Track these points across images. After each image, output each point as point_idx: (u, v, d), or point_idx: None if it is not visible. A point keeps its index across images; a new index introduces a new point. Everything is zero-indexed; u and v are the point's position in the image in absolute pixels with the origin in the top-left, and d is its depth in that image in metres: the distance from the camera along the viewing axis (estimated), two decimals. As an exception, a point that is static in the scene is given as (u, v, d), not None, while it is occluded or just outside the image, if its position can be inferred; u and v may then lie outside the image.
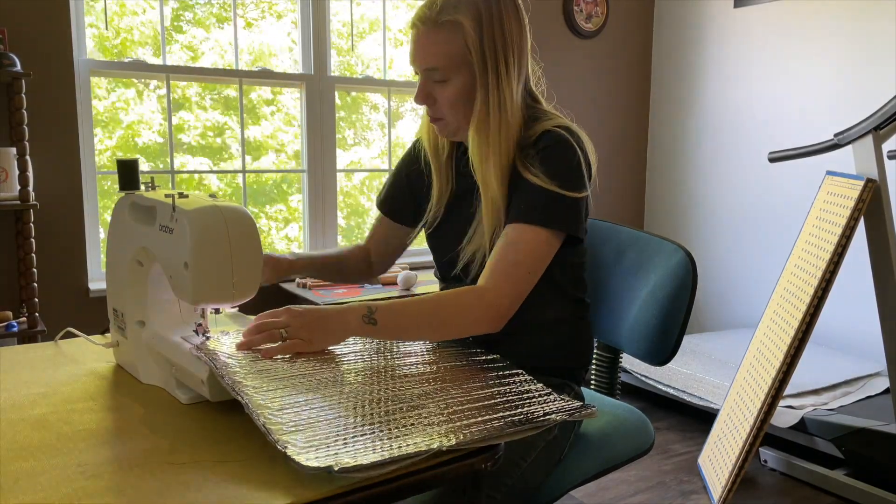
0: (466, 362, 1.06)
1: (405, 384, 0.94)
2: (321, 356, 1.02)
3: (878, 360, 2.86)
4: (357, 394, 0.89)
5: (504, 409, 0.86)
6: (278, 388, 0.88)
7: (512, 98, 1.17)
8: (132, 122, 2.88)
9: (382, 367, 1.01)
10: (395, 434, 0.78)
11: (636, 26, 3.77)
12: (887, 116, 1.95)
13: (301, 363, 0.98)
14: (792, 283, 2.12)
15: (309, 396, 0.87)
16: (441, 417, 0.83)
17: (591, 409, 0.89)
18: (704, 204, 3.67)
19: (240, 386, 0.87)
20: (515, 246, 1.13)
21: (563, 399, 0.92)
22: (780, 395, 1.96)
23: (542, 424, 0.84)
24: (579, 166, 1.16)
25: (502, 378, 0.99)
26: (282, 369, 0.95)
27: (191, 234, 0.92)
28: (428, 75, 1.18)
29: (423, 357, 1.08)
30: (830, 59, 3.09)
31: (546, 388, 0.96)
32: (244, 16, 2.97)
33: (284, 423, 0.79)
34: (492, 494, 1.07)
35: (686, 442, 2.63)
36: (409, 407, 0.86)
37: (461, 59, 1.14)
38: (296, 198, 3.31)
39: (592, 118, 3.68)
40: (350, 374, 0.97)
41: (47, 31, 2.38)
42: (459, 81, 1.16)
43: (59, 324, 2.15)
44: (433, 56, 1.15)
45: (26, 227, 2.28)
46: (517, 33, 1.18)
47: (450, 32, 1.13)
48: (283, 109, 3.19)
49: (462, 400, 0.89)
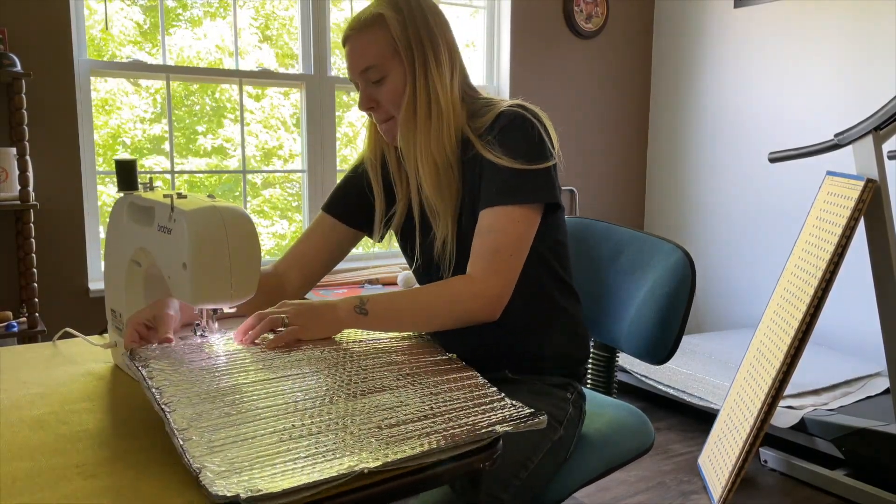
0: (417, 366, 1.00)
1: (346, 396, 0.87)
2: (263, 369, 0.94)
3: (878, 360, 2.86)
4: (290, 408, 0.83)
5: (446, 422, 0.81)
6: (205, 400, 0.83)
7: (445, 90, 1.18)
8: (118, 124, 2.88)
9: (327, 377, 0.93)
10: (321, 453, 0.73)
11: (636, 26, 3.77)
12: (887, 116, 1.94)
13: (236, 375, 0.92)
14: (792, 284, 2.11)
15: (235, 411, 0.81)
16: (375, 433, 0.78)
17: (541, 417, 0.84)
18: (704, 204, 3.67)
19: (166, 398, 0.83)
20: (492, 233, 1.13)
21: (515, 406, 0.86)
22: (781, 396, 1.96)
23: (483, 438, 0.79)
24: (540, 138, 1.16)
25: (454, 382, 0.94)
26: (211, 382, 0.89)
27: (189, 235, 0.92)
28: (366, 79, 1.19)
29: (374, 361, 1.00)
30: (830, 60, 3.09)
31: (498, 393, 0.90)
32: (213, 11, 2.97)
33: (203, 442, 0.74)
34: (498, 495, 1.06)
35: (686, 442, 2.63)
36: (342, 423, 0.80)
37: (391, 52, 1.17)
38: (267, 192, 3.31)
39: (592, 118, 3.68)
40: (286, 383, 0.90)
41: (47, 31, 2.38)
42: (394, 77, 1.18)
43: (60, 324, 2.14)
44: (365, 57, 1.18)
45: (26, 227, 2.28)
46: (442, 25, 1.20)
47: (376, 29, 1.17)
48: (265, 109, 3.19)
49: (402, 412, 0.83)
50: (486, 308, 1.11)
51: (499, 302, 1.13)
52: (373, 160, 1.31)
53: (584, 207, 3.70)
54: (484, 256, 1.12)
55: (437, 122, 1.17)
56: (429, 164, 1.18)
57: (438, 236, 1.23)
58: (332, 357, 1.00)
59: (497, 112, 1.18)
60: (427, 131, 1.18)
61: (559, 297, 1.28)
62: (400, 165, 1.29)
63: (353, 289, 2.79)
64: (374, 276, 2.89)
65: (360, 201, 1.35)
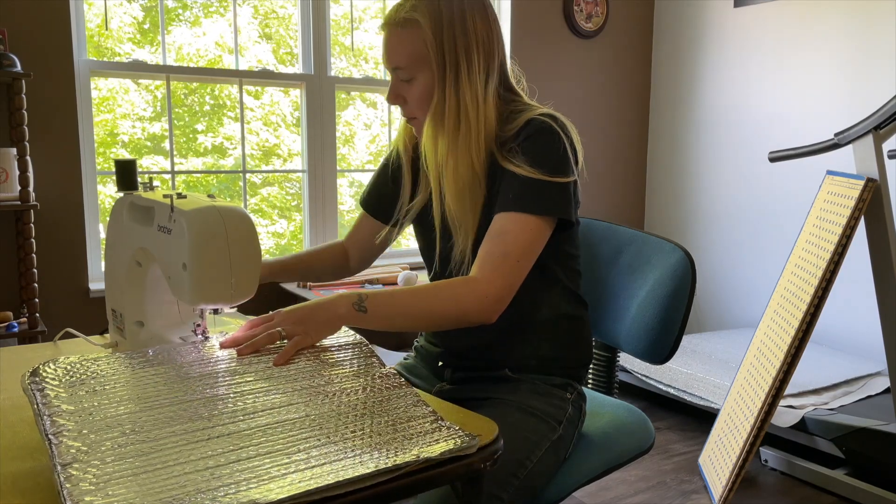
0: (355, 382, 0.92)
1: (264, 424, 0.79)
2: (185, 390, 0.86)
3: (878, 360, 2.86)
4: (200, 436, 0.76)
5: (373, 451, 0.75)
6: (101, 428, 0.76)
7: (476, 99, 1.16)
8: (114, 118, 2.88)
9: (248, 398, 0.85)
10: (216, 488, 0.66)
11: (636, 26, 3.77)
12: (887, 116, 1.94)
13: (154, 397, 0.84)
14: (792, 283, 2.11)
15: (130, 441, 0.74)
16: (288, 465, 0.71)
17: (475, 440, 0.79)
18: (704, 204, 3.67)
19: (56, 427, 0.75)
20: (503, 236, 1.12)
21: (453, 429, 0.81)
22: (781, 395, 1.96)
23: (410, 466, 0.73)
24: (565, 152, 1.15)
25: (387, 402, 0.87)
26: (116, 406, 0.81)
27: (189, 235, 0.91)
28: (396, 75, 1.19)
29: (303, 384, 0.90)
30: (830, 59, 3.09)
31: (435, 413, 0.85)
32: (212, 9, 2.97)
33: (87, 478, 0.66)
34: (497, 494, 1.06)
35: (686, 442, 2.63)
36: (255, 453, 0.73)
37: (422, 57, 1.16)
38: (266, 190, 3.31)
39: (592, 118, 3.68)
40: (200, 406, 0.82)
41: (47, 32, 2.38)
42: (423, 80, 1.17)
43: (60, 324, 2.14)
44: (397, 55, 1.17)
45: (26, 227, 2.28)
46: (483, 31, 1.17)
47: (410, 31, 1.15)
48: (265, 107, 3.19)
49: (325, 444, 0.76)
50: (484, 310, 1.10)
51: (498, 304, 1.12)
52: (406, 145, 1.33)
53: (584, 207, 3.70)
54: (491, 259, 1.11)
55: (466, 132, 1.16)
56: (453, 174, 1.17)
57: (457, 247, 1.22)
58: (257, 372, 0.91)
59: (526, 119, 1.16)
60: (455, 141, 1.16)
61: (564, 305, 1.28)
62: None
63: (353, 288, 2.79)
64: (374, 276, 2.89)
65: (392, 192, 1.38)
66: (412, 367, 1.41)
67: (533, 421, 1.18)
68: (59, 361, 0.91)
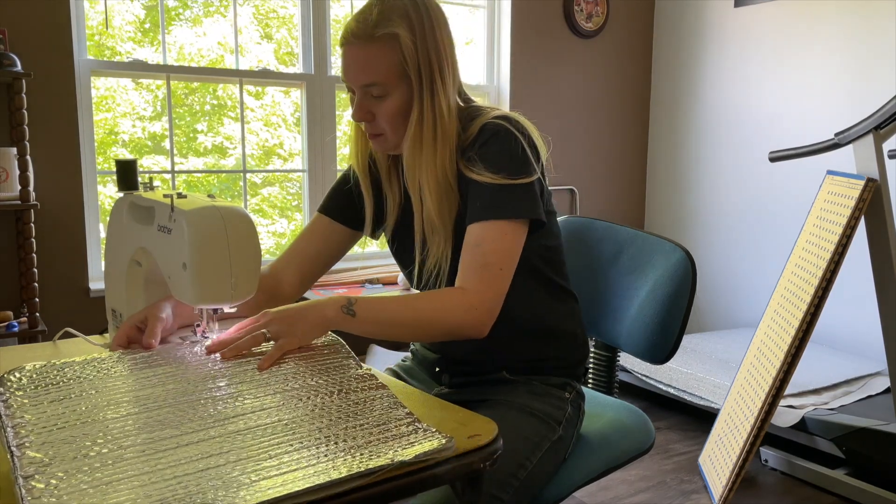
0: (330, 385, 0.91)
1: (235, 430, 0.77)
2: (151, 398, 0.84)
3: (879, 360, 2.86)
4: (169, 444, 0.74)
5: (346, 455, 0.74)
6: (64, 439, 0.73)
7: (448, 108, 1.15)
8: (114, 116, 2.88)
9: (220, 405, 0.83)
10: (185, 497, 0.65)
11: (636, 26, 3.77)
12: (887, 116, 1.94)
13: (120, 405, 0.81)
14: (792, 283, 2.11)
15: (95, 452, 0.71)
16: (258, 471, 0.70)
17: (451, 441, 0.78)
18: (704, 204, 3.67)
19: (19, 438, 0.73)
20: (479, 247, 1.11)
21: (430, 431, 0.80)
22: (781, 395, 1.96)
23: (385, 470, 0.72)
24: (523, 151, 1.13)
25: (363, 404, 0.86)
26: (82, 415, 0.79)
27: (189, 235, 0.91)
28: (365, 91, 1.15)
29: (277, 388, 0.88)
30: (830, 59, 3.09)
31: (412, 415, 0.83)
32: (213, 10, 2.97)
33: (49, 490, 0.65)
34: (498, 495, 1.06)
35: (687, 441, 2.63)
36: (225, 461, 0.72)
37: (399, 72, 1.13)
38: (266, 190, 3.31)
39: (592, 118, 3.68)
40: (169, 413, 0.80)
41: (47, 31, 2.38)
42: (399, 95, 1.14)
43: (60, 324, 2.14)
44: (372, 71, 1.12)
45: (27, 227, 2.28)
46: (448, 42, 1.16)
47: (386, 45, 1.11)
48: (265, 107, 3.19)
49: (298, 449, 0.75)
50: (477, 322, 1.09)
51: (489, 316, 1.10)
52: (360, 164, 1.29)
53: (585, 207, 3.70)
54: (474, 270, 1.10)
55: (442, 143, 1.15)
56: (433, 184, 1.16)
57: (432, 253, 1.20)
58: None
59: (480, 124, 1.16)
60: (433, 153, 1.15)
61: (554, 302, 1.28)
62: (391, 171, 1.28)
63: (353, 289, 2.79)
64: (374, 276, 2.89)
65: (357, 201, 1.34)
66: (410, 370, 1.41)
67: (533, 422, 1.18)
68: (24, 370, 0.88)
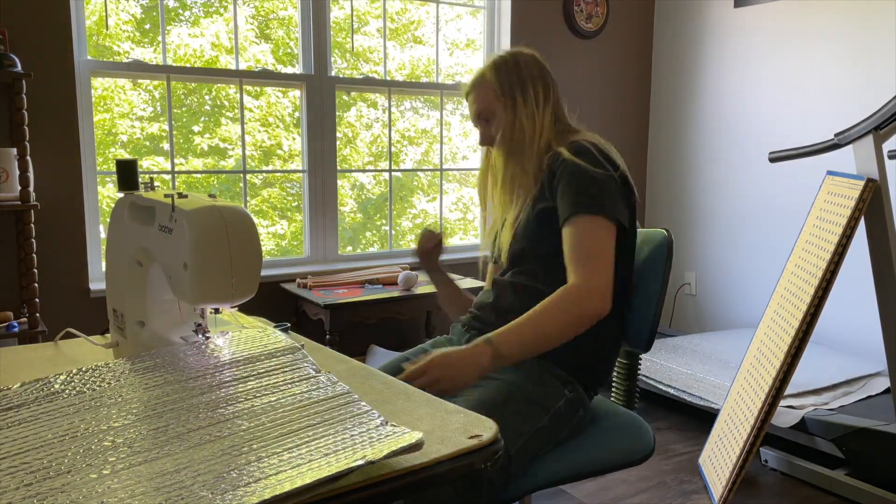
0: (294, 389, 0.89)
1: (196, 443, 0.75)
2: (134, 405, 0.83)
3: (879, 360, 2.86)
4: (122, 465, 0.71)
5: (313, 461, 0.72)
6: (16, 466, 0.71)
7: (532, 118, 1.45)
8: (112, 117, 2.87)
9: (173, 425, 0.80)
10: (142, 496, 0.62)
11: (636, 26, 3.77)
12: (887, 116, 1.94)
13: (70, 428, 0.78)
14: (792, 283, 2.11)
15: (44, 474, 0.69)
16: (222, 484, 0.68)
17: (421, 437, 0.76)
18: (704, 204, 3.67)
19: None
20: (580, 240, 1.30)
21: (399, 428, 0.78)
22: (781, 395, 1.96)
23: (344, 474, 0.69)
24: (608, 159, 1.37)
25: (331, 408, 0.84)
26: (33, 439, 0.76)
27: (190, 235, 0.91)
28: (482, 122, 1.52)
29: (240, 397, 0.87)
30: (830, 59, 3.09)
31: (381, 417, 0.81)
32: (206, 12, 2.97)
33: None
34: None
35: (686, 442, 2.63)
36: (187, 476, 0.69)
37: (493, 100, 1.48)
38: (266, 191, 3.31)
39: (593, 118, 3.68)
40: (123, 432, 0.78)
41: (47, 32, 2.39)
42: (498, 114, 1.48)
43: (60, 324, 2.14)
44: (478, 107, 1.51)
45: (27, 227, 2.28)
46: (534, 73, 1.48)
47: (482, 85, 1.50)
48: (262, 108, 3.19)
49: (264, 458, 0.73)
50: (597, 302, 1.24)
51: (606, 293, 1.26)
52: (483, 184, 1.61)
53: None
54: (580, 262, 1.28)
55: (520, 140, 1.45)
56: (502, 170, 1.47)
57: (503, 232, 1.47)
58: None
59: (571, 140, 1.41)
60: (510, 148, 1.46)
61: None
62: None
63: (353, 289, 2.79)
64: (374, 276, 2.89)
65: None
66: (449, 343, 1.52)
67: (520, 403, 1.24)
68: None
